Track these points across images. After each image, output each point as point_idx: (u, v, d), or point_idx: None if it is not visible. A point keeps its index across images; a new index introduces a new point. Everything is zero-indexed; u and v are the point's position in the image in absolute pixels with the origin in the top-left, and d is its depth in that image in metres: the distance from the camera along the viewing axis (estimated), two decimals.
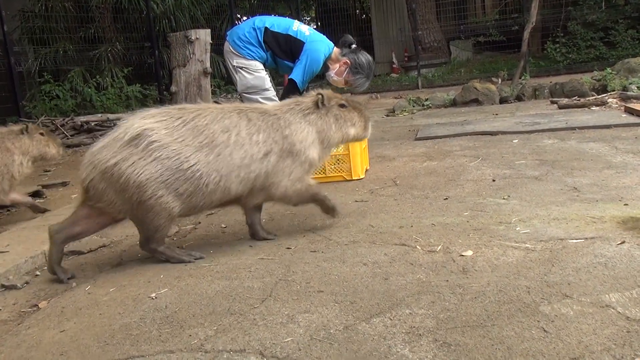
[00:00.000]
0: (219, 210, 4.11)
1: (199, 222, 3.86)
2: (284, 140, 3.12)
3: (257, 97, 4.42)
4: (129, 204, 2.85)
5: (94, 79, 10.57)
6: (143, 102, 10.92)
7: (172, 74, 9.42)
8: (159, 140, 2.80)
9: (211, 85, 10.24)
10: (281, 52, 4.41)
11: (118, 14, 11.62)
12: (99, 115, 9.52)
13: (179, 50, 9.18)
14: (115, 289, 2.80)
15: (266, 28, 4.41)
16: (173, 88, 9.27)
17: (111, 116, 9.60)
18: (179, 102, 9.47)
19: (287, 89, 4.37)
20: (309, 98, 3.35)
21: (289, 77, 4.37)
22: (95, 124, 9.28)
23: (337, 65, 4.46)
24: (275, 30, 4.41)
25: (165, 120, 2.88)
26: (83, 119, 9.25)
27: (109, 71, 10.90)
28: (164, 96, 10.69)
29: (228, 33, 4.63)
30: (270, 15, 4.68)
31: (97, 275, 3.05)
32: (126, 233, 3.77)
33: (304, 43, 4.35)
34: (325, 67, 4.51)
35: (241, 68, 4.47)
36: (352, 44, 4.49)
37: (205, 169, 2.87)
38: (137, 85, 10.80)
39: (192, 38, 9.12)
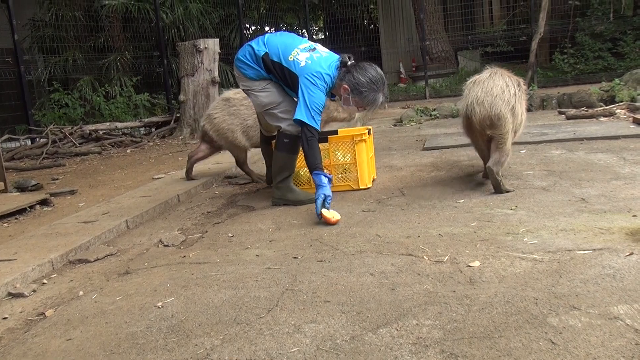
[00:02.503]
0: (226, 219, 4.12)
1: (206, 231, 3.87)
2: None
3: (275, 111, 4.27)
4: (510, 131, 4.07)
5: (102, 88, 10.66)
6: (151, 111, 10.99)
7: (180, 82, 9.55)
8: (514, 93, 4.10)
9: (219, 94, 10.33)
10: (281, 79, 4.20)
11: (127, 24, 11.72)
12: (107, 123, 9.60)
13: (187, 59, 9.33)
14: (122, 297, 2.80)
15: (266, 54, 4.17)
16: (181, 97, 9.40)
17: (119, 125, 9.68)
18: (187, 111, 9.61)
19: (302, 133, 4.03)
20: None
21: (294, 118, 4.05)
22: (104, 133, 9.35)
23: (341, 93, 4.12)
24: (273, 59, 4.16)
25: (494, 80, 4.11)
26: (91, 127, 9.32)
27: (117, 80, 10.98)
28: (172, 105, 10.77)
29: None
30: (275, 34, 4.32)
31: (104, 283, 3.06)
32: (133, 242, 3.79)
33: (297, 77, 4.05)
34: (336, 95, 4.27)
35: (249, 90, 4.33)
36: (346, 63, 4.09)
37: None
38: (145, 94, 10.87)
39: (201, 47, 9.26)
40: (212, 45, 9.48)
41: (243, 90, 4.45)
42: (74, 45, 10.99)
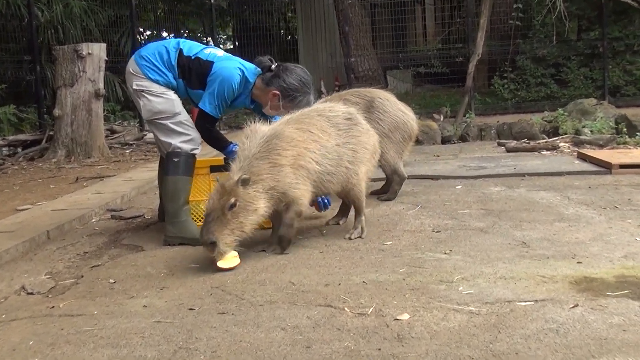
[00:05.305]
0: (107, 262, 3.99)
1: (82, 276, 3.72)
2: None
3: (167, 122, 4.28)
4: None
5: None
6: (18, 127, 10.56)
7: (56, 94, 9.26)
8: None
9: (104, 109, 10.09)
10: (192, 80, 4.33)
11: None
12: None
13: (66, 66, 9.10)
14: None
15: (180, 51, 4.33)
16: (57, 111, 9.13)
17: None
18: (63, 128, 9.30)
19: (198, 122, 4.30)
20: None
21: (198, 105, 4.28)
22: None
23: (268, 100, 4.33)
24: (187, 54, 4.33)
25: None
26: None
27: None
28: (45, 120, 10.41)
29: (135, 52, 4.47)
30: (184, 38, 4.53)
31: None
32: None
33: (212, 63, 4.27)
34: (253, 99, 4.45)
35: (143, 91, 4.30)
36: (270, 66, 4.35)
37: None
38: (11, 107, 10.43)
39: (84, 53, 9.06)
40: (97, 51, 9.29)
41: (134, 90, 4.37)
42: None
